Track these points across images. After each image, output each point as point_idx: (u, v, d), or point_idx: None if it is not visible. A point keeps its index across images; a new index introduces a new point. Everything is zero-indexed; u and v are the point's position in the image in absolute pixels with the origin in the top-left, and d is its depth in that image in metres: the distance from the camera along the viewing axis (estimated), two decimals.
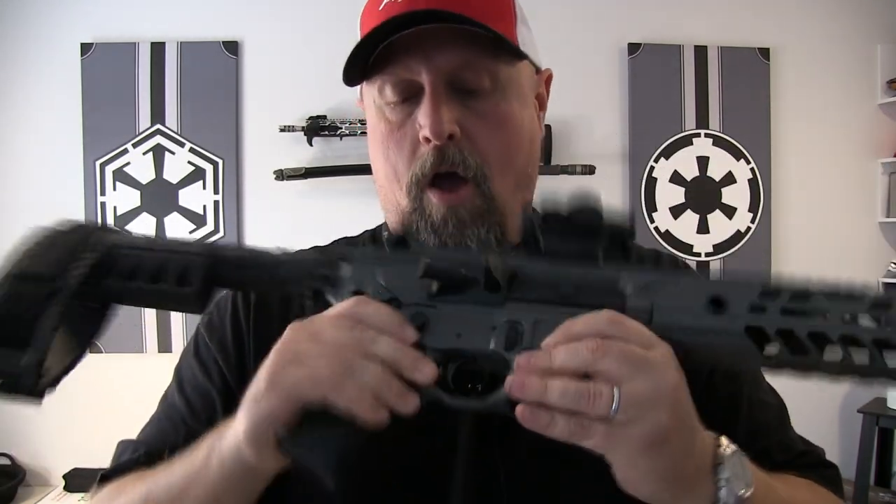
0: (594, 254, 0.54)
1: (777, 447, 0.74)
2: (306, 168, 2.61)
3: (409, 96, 0.70)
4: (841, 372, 0.49)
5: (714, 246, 2.78)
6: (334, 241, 0.88)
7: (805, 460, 0.75)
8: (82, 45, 2.64)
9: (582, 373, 0.48)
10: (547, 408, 0.48)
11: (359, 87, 0.77)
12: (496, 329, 0.52)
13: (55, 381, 0.58)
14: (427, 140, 0.68)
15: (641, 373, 0.47)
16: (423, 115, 0.68)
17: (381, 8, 0.69)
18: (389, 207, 0.76)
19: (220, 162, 2.69)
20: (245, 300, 0.80)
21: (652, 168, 2.76)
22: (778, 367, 0.50)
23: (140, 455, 0.74)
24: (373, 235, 0.85)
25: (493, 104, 0.70)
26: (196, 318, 0.85)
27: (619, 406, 0.47)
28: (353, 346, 0.51)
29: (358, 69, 0.70)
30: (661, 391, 0.48)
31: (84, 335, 0.61)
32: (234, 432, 0.56)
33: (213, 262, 0.60)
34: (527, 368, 0.49)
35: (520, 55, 0.71)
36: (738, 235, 2.78)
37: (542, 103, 0.81)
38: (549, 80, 0.82)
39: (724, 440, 0.55)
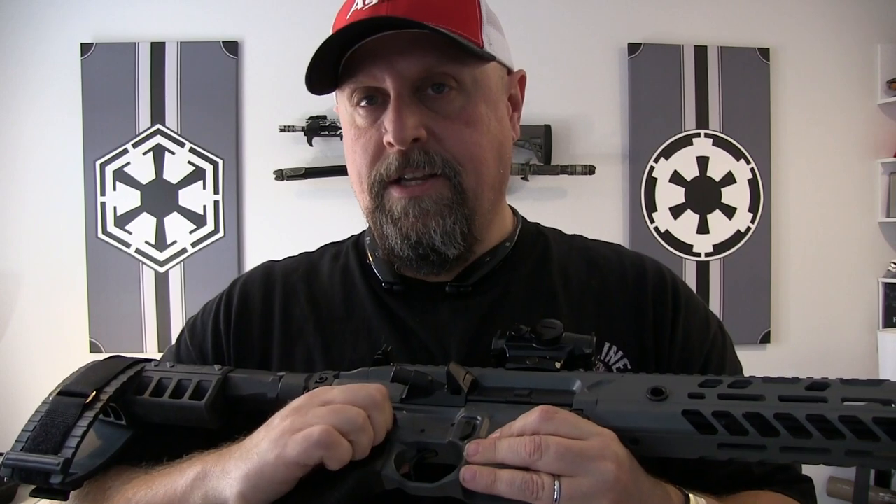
0: (552, 364, 0.62)
1: (757, 463, 0.75)
2: (306, 168, 2.61)
3: (377, 102, 0.72)
4: (784, 451, 0.51)
5: (714, 246, 2.77)
6: (321, 247, 0.89)
7: (783, 476, 0.77)
8: (82, 45, 2.64)
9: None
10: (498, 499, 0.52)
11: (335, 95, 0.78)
12: (454, 425, 0.59)
13: (79, 483, 0.67)
14: (391, 145, 0.70)
15: (577, 466, 0.51)
16: (387, 121, 0.70)
17: (348, 16, 0.70)
18: (363, 212, 0.78)
19: (220, 162, 2.69)
20: (227, 311, 0.82)
21: (652, 168, 2.76)
22: (723, 450, 0.53)
23: None
24: (356, 240, 0.87)
25: (459, 106, 0.71)
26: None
27: (561, 497, 0.50)
28: (360, 405, 0.56)
29: (328, 79, 0.72)
30: (599, 482, 0.50)
31: (109, 447, 0.70)
32: (230, 483, 0.57)
33: (224, 380, 0.70)
34: (476, 458, 0.53)
35: (484, 58, 0.71)
36: (738, 235, 2.78)
37: (515, 104, 0.82)
38: (522, 80, 0.83)
39: (693, 499, 0.58)
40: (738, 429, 0.51)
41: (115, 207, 2.67)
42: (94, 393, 0.67)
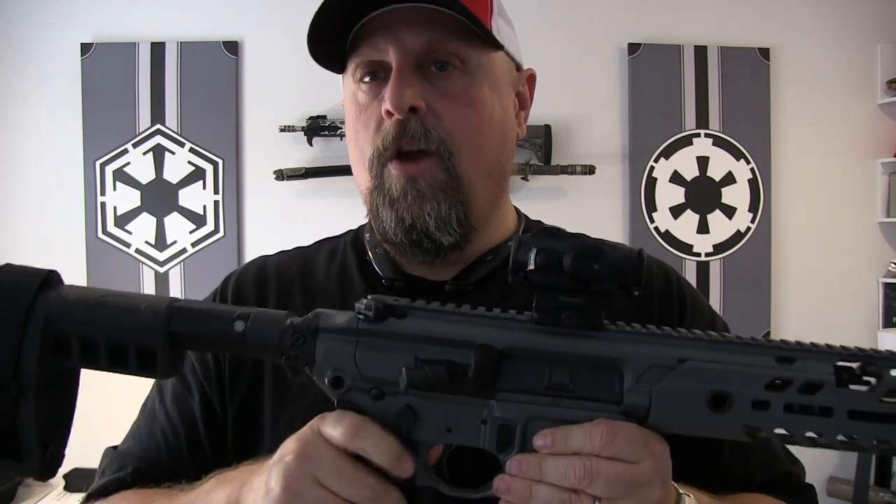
0: (594, 320, 0.52)
1: (760, 468, 0.75)
2: (306, 168, 2.61)
3: (380, 78, 0.71)
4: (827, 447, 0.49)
5: (714, 246, 2.77)
6: (317, 242, 0.88)
7: (786, 482, 0.76)
8: (82, 45, 2.64)
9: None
10: None
11: (342, 85, 0.77)
12: (486, 424, 0.52)
13: (61, 457, 0.56)
14: (389, 114, 0.68)
15: (624, 492, 0.49)
16: (386, 91, 0.69)
17: None
18: (362, 196, 0.76)
19: (220, 162, 2.69)
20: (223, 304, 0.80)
21: (652, 168, 2.76)
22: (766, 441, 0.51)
23: (127, 475, 0.74)
24: (355, 236, 0.85)
25: (461, 86, 0.70)
26: None
27: None
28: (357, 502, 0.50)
29: (335, 56, 0.71)
30: None
31: (65, 401, 0.57)
32: None
33: (173, 341, 0.53)
34: (517, 473, 0.50)
35: (492, 41, 0.71)
36: (738, 235, 2.78)
37: (523, 102, 0.80)
38: (531, 79, 0.82)
39: (687, 500, 0.57)
40: (794, 442, 0.49)
41: (115, 207, 2.67)
42: (15, 383, 0.52)
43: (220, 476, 0.63)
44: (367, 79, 0.71)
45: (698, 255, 2.77)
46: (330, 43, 0.70)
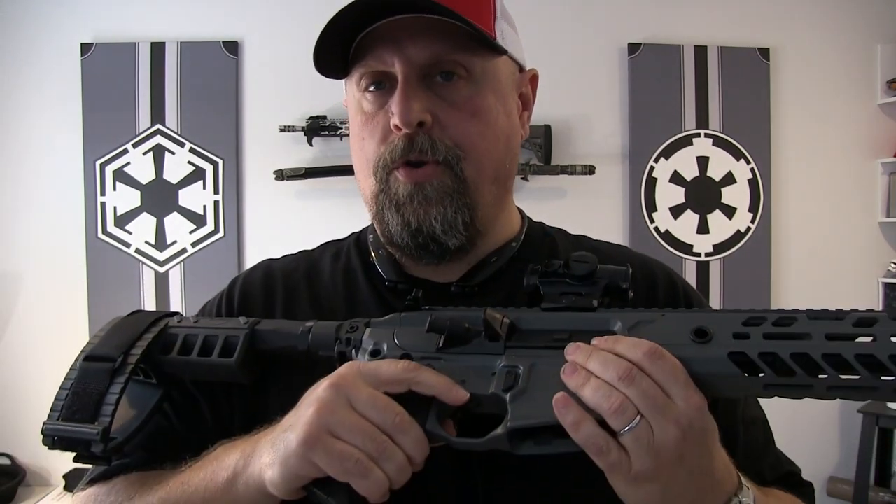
0: (590, 302, 0.61)
1: (768, 468, 0.78)
2: (306, 168, 2.61)
3: (385, 88, 0.71)
4: (831, 390, 0.51)
5: (714, 246, 2.78)
6: (321, 245, 0.88)
7: (791, 480, 0.79)
8: (82, 45, 2.64)
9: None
10: (581, 408, 0.52)
11: (344, 87, 0.78)
12: (496, 374, 0.58)
13: (120, 448, 0.67)
14: (398, 128, 0.69)
15: (651, 416, 0.50)
16: (394, 104, 0.69)
17: None
18: (366, 200, 0.77)
19: (220, 162, 2.69)
20: (228, 311, 0.81)
21: (652, 168, 2.76)
22: (768, 390, 0.52)
23: (132, 458, 0.74)
24: (358, 238, 0.86)
25: (466, 95, 0.71)
26: None
27: (633, 431, 0.50)
28: (385, 429, 0.55)
29: (338, 62, 0.72)
30: (661, 439, 0.50)
31: (143, 407, 0.70)
32: (262, 469, 0.58)
33: (251, 334, 0.69)
34: (572, 357, 0.54)
35: (496, 49, 0.71)
36: (738, 235, 2.78)
37: (526, 103, 0.81)
38: (534, 80, 0.82)
39: (744, 496, 0.57)
40: (785, 370, 0.51)
41: (115, 207, 2.67)
42: (122, 357, 0.67)
43: (228, 444, 0.65)
44: (372, 88, 0.72)
45: (698, 255, 2.77)
46: (333, 51, 0.70)
